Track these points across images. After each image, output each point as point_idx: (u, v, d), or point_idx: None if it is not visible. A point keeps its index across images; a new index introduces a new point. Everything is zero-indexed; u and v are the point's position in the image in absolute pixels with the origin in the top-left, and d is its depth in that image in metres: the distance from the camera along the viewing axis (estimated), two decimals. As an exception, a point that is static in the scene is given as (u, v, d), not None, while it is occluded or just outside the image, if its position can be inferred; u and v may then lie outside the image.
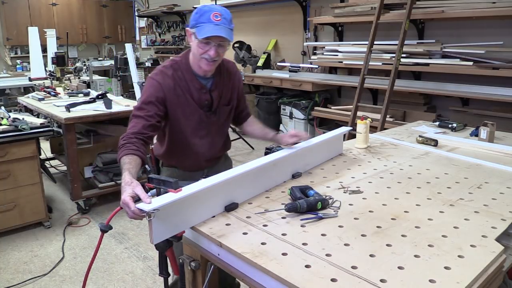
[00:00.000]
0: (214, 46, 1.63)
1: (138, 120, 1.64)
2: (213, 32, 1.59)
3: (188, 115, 1.76)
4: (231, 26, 1.65)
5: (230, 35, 1.63)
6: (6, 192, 3.09)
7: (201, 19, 1.61)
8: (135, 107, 1.70)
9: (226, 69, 1.86)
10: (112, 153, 3.85)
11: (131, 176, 1.36)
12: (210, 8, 1.63)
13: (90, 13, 10.06)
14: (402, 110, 4.44)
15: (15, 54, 9.24)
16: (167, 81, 1.71)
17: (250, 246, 1.18)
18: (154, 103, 1.67)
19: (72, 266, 2.80)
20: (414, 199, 1.51)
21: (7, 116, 3.21)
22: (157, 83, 1.70)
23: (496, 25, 3.79)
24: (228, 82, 1.86)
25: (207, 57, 1.65)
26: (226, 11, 1.65)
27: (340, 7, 4.91)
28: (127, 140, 1.56)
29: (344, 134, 2.09)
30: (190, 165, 1.88)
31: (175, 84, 1.72)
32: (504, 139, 2.36)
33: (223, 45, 1.65)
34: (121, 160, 1.49)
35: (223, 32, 1.60)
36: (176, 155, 1.87)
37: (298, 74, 5.62)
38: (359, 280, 1.01)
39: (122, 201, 1.24)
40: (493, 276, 1.09)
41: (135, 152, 1.51)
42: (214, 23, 1.59)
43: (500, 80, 3.69)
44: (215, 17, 1.59)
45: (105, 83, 7.07)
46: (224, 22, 1.61)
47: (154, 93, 1.69)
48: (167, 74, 1.73)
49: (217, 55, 1.66)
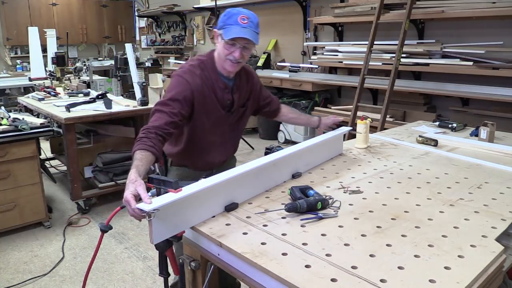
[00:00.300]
0: (239, 48, 1.66)
1: (161, 115, 1.62)
2: (239, 33, 1.62)
3: (210, 114, 1.78)
4: (257, 30, 1.69)
5: (256, 38, 1.67)
6: (6, 192, 3.10)
7: (228, 21, 1.65)
8: (159, 102, 1.68)
9: (245, 71, 1.89)
10: (112, 153, 3.85)
11: (137, 174, 1.35)
12: (238, 11, 1.67)
13: (90, 13, 10.07)
14: (402, 110, 4.43)
15: (15, 54, 9.25)
16: (196, 80, 1.72)
17: (250, 246, 1.18)
18: (181, 102, 1.67)
19: (72, 266, 2.80)
20: (414, 199, 1.51)
21: (7, 116, 3.21)
22: (186, 82, 1.70)
23: (496, 25, 3.79)
24: (246, 84, 1.89)
25: (231, 58, 1.68)
26: (253, 15, 1.69)
27: (340, 7, 4.91)
28: (145, 134, 1.54)
29: (344, 134, 2.09)
30: (202, 164, 1.89)
31: (203, 83, 1.73)
32: (504, 139, 2.36)
33: (248, 48, 1.69)
34: (134, 154, 1.48)
35: (249, 35, 1.63)
36: (192, 154, 1.87)
37: (298, 74, 5.62)
38: (359, 280, 1.01)
39: (124, 198, 1.25)
40: (493, 276, 1.09)
41: (149, 149, 1.49)
42: (241, 26, 1.63)
43: (500, 80, 3.69)
44: (242, 20, 1.64)
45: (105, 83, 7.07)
46: (251, 25, 1.65)
47: (183, 91, 1.68)
48: (196, 73, 1.73)
49: (242, 57, 1.69)
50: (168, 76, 8.12)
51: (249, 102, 1.93)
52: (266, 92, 2.06)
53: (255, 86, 1.95)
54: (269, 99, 2.07)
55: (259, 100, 2.00)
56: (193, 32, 8.26)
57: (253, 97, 1.95)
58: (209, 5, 6.95)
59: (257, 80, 1.98)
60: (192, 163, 1.89)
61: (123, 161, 3.78)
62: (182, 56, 8.57)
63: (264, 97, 2.03)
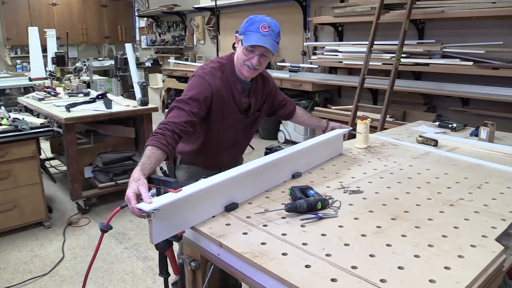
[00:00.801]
0: (257, 55, 1.68)
1: (181, 113, 1.62)
2: (259, 41, 1.64)
3: (226, 117, 1.79)
4: (278, 39, 1.70)
5: (275, 47, 1.68)
6: (6, 192, 3.09)
7: (250, 28, 1.67)
8: (178, 99, 1.68)
9: (261, 76, 1.90)
10: (112, 153, 3.85)
11: (141, 172, 1.35)
12: (261, 19, 1.68)
13: (90, 13, 10.07)
14: (402, 110, 4.44)
15: (15, 54, 9.25)
16: (216, 83, 1.73)
17: (250, 246, 1.18)
18: (200, 102, 1.67)
19: (72, 266, 2.80)
20: (414, 199, 1.51)
21: (7, 116, 3.21)
22: (207, 84, 1.71)
23: (496, 25, 3.79)
24: (263, 88, 1.91)
25: (249, 64, 1.70)
26: (275, 24, 1.70)
27: (340, 7, 4.91)
28: (162, 131, 1.53)
29: (344, 134, 2.09)
30: (213, 164, 1.90)
31: (223, 86, 1.75)
32: (504, 139, 2.36)
33: (266, 56, 1.70)
34: (145, 148, 1.48)
35: (268, 43, 1.65)
36: (204, 154, 1.88)
37: (298, 74, 5.62)
38: (359, 280, 1.01)
39: (126, 196, 1.26)
40: (493, 276, 1.09)
41: (162, 147, 1.48)
42: (262, 33, 1.64)
43: (500, 80, 3.69)
44: (263, 28, 1.65)
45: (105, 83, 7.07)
46: (272, 34, 1.66)
47: (203, 92, 1.69)
48: (217, 75, 1.74)
49: (259, 64, 1.70)
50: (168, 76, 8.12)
51: (264, 106, 1.95)
52: (281, 96, 2.08)
53: (271, 90, 1.97)
54: (284, 102, 2.09)
55: (273, 104, 2.03)
56: (193, 32, 8.26)
57: (268, 101, 1.97)
58: (209, 5, 6.95)
59: (273, 85, 2.01)
60: (202, 162, 1.91)
61: (123, 161, 3.78)
62: (182, 56, 8.58)
63: (279, 101, 2.06)
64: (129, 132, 3.99)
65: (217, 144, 1.87)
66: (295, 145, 1.79)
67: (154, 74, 8.92)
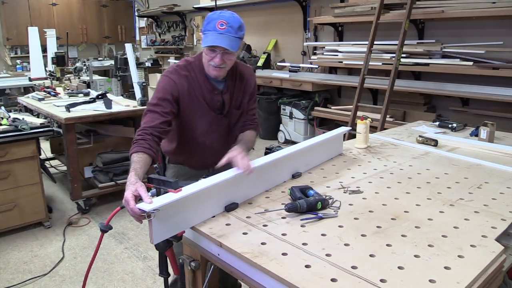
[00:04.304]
0: (219, 54, 1.63)
1: (154, 115, 1.65)
2: (214, 41, 1.59)
3: (199, 116, 1.78)
4: (238, 34, 1.63)
5: (234, 44, 1.62)
6: (6, 192, 3.09)
7: (208, 27, 1.62)
8: (150, 102, 1.71)
9: (240, 73, 1.87)
10: (112, 153, 3.85)
11: (137, 176, 1.37)
12: (218, 15, 1.62)
13: (90, 13, 10.06)
14: (402, 110, 4.43)
15: (15, 54, 9.24)
16: (181, 81, 1.73)
17: (250, 246, 1.18)
18: (170, 101, 1.69)
19: (72, 266, 2.80)
20: (414, 199, 1.51)
21: (7, 116, 3.21)
22: (172, 82, 1.72)
23: (496, 25, 3.79)
24: (240, 85, 1.86)
25: (213, 64, 1.67)
26: (234, 19, 1.63)
27: (340, 7, 4.91)
28: (141, 136, 1.57)
29: (344, 134, 2.09)
30: (197, 163, 1.90)
31: (189, 84, 1.74)
32: (504, 139, 2.36)
33: (229, 53, 1.64)
34: (131, 157, 1.50)
35: (225, 42, 1.59)
36: (184, 153, 1.89)
37: (298, 74, 5.62)
38: (359, 280, 1.01)
39: (124, 198, 1.26)
40: (493, 276, 1.09)
41: (146, 151, 1.52)
42: (218, 32, 1.59)
43: (500, 80, 3.69)
44: (220, 25, 1.59)
45: (105, 83, 7.07)
46: (229, 31, 1.60)
47: (170, 90, 1.70)
48: (181, 73, 1.74)
49: (223, 62, 1.66)
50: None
51: (244, 104, 1.90)
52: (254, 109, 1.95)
53: (250, 88, 1.89)
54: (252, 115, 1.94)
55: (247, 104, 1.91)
56: (193, 32, 8.25)
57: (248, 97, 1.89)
58: (209, 5, 6.94)
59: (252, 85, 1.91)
60: (186, 162, 1.92)
61: (123, 161, 3.78)
62: (182, 56, 8.57)
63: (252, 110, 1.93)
64: (129, 132, 3.99)
65: (195, 144, 1.84)
66: (295, 145, 1.79)
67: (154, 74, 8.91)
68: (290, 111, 5.58)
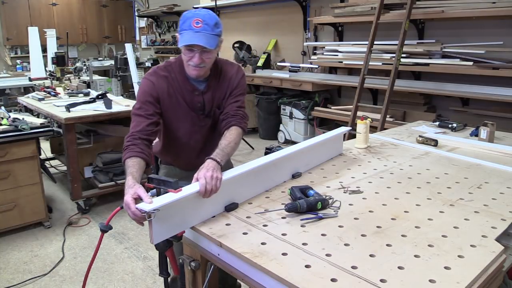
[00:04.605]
0: (197, 53, 1.60)
1: (140, 119, 1.66)
2: (191, 40, 1.56)
3: (180, 117, 1.77)
4: (215, 31, 1.60)
5: (211, 41, 1.58)
6: (6, 192, 3.09)
7: (183, 26, 1.59)
8: (134, 106, 1.72)
9: (224, 72, 1.81)
10: (112, 153, 3.85)
11: (134, 180, 1.37)
12: (193, 14, 1.59)
13: (90, 13, 10.06)
14: (402, 110, 4.43)
15: (15, 54, 9.24)
16: (160, 82, 1.72)
17: (250, 246, 1.18)
18: (151, 102, 1.69)
19: (72, 266, 2.80)
20: (414, 199, 1.51)
21: (7, 116, 3.21)
22: (151, 83, 1.72)
23: (496, 25, 3.79)
24: (223, 85, 1.81)
25: (192, 64, 1.64)
26: (209, 16, 1.59)
27: (340, 7, 4.91)
28: (131, 142, 1.58)
29: (344, 134, 2.09)
30: (184, 164, 1.90)
31: (168, 85, 1.73)
32: (504, 139, 2.36)
33: (207, 51, 1.61)
34: (125, 163, 1.51)
35: (202, 40, 1.56)
36: (171, 153, 1.91)
37: (298, 74, 5.62)
38: (359, 280, 1.01)
39: (124, 202, 1.26)
40: (493, 276, 1.09)
41: (138, 155, 1.53)
42: (194, 30, 1.56)
43: (500, 80, 3.69)
44: (196, 23, 1.56)
45: (105, 83, 7.07)
46: (206, 29, 1.56)
47: (150, 92, 1.70)
48: (160, 75, 1.74)
49: (202, 61, 1.62)
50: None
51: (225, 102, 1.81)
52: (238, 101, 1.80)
53: (231, 86, 1.80)
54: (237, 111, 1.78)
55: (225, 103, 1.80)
56: (193, 32, 8.24)
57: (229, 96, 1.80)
58: (209, 5, 6.93)
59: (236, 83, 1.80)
60: (175, 163, 1.93)
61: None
62: (182, 56, 8.57)
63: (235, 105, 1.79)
64: (129, 132, 3.98)
65: (179, 144, 1.84)
66: (295, 145, 1.79)
67: (154, 74, 8.90)
68: (290, 111, 5.58)
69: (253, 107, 6.14)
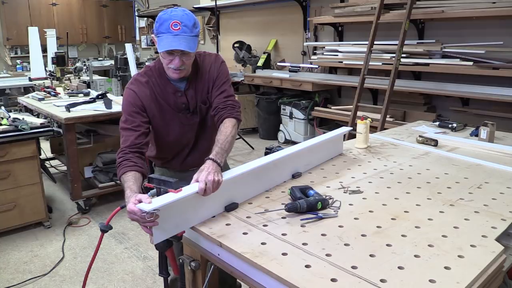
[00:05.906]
0: (177, 56, 1.58)
1: (128, 133, 1.64)
2: (171, 45, 1.53)
3: (168, 120, 1.76)
4: (194, 32, 1.56)
5: (191, 44, 1.55)
6: (6, 192, 3.09)
7: (160, 29, 1.55)
8: (121, 119, 1.69)
9: (202, 66, 1.77)
10: (112, 153, 3.85)
11: (132, 192, 1.36)
12: (170, 16, 1.55)
13: (90, 13, 10.06)
14: (402, 110, 4.43)
15: (15, 54, 9.24)
16: (142, 89, 1.70)
17: (250, 246, 1.18)
18: (137, 112, 1.67)
19: (72, 266, 2.80)
20: (414, 199, 1.51)
21: (7, 116, 3.21)
22: (133, 93, 1.70)
23: (496, 25, 3.79)
24: (203, 79, 1.77)
25: (172, 67, 1.62)
26: (187, 17, 1.55)
27: (340, 7, 4.91)
28: (123, 157, 1.56)
29: (344, 134, 2.09)
30: (179, 165, 1.90)
31: (151, 91, 1.71)
32: (504, 139, 2.36)
33: (187, 53, 1.59)
34: (121, 179, 1.49)
35: (182, 45, 1.53)
36: (165, 157, 1.90)
37: (298, 74, 5.62)
38: (359, 280, 1.01)
39: (128, 211, 1.23)
40: (493, 276, 1.09)
41: (132, 169, 1.50)
42: (173, 34, 1.52)
43: (500, 80, 3.69)
44: (174, 26, 1.52)
45: (105, 83, 7.06)
46: (185, 31, 1.53)
47: (133, 102, 1.68)
48: (142, 82, 1.72)
49: (182, 64, 1.61)
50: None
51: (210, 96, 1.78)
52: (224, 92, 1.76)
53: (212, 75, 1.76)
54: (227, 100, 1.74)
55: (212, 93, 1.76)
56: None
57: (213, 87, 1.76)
58: (209, 5, 6.94)
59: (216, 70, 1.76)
60: (168, 165, 1.92)
61: (123, 161, 3.77)
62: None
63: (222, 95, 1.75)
64: (129, 132, 3.98)
65: (172, 147, 1.84)
66: (295, 145, 1.79)
67: (154, 74, 8.90)
68: (290, 111, 5.58)
69: (253, 107, 6.14)
